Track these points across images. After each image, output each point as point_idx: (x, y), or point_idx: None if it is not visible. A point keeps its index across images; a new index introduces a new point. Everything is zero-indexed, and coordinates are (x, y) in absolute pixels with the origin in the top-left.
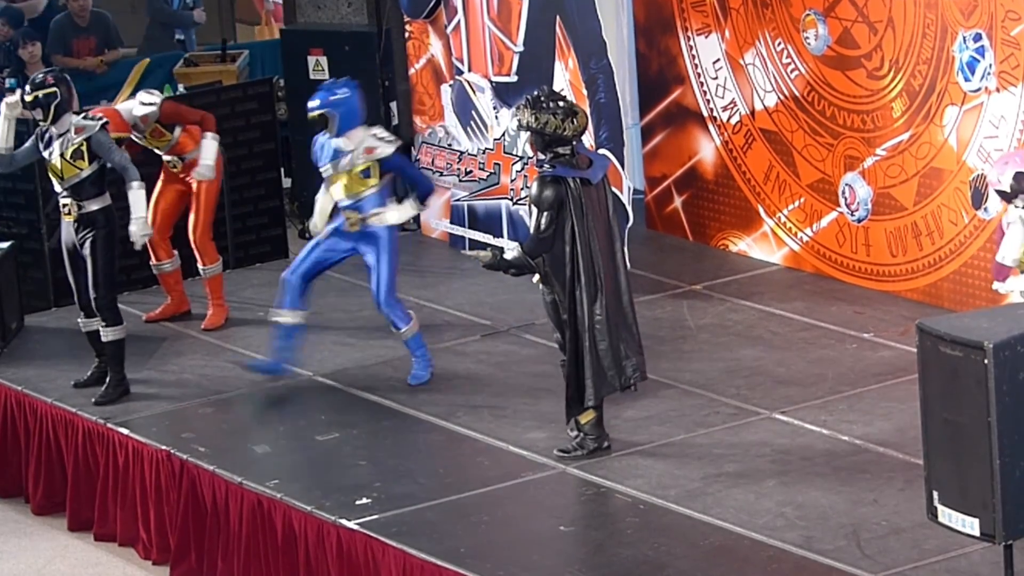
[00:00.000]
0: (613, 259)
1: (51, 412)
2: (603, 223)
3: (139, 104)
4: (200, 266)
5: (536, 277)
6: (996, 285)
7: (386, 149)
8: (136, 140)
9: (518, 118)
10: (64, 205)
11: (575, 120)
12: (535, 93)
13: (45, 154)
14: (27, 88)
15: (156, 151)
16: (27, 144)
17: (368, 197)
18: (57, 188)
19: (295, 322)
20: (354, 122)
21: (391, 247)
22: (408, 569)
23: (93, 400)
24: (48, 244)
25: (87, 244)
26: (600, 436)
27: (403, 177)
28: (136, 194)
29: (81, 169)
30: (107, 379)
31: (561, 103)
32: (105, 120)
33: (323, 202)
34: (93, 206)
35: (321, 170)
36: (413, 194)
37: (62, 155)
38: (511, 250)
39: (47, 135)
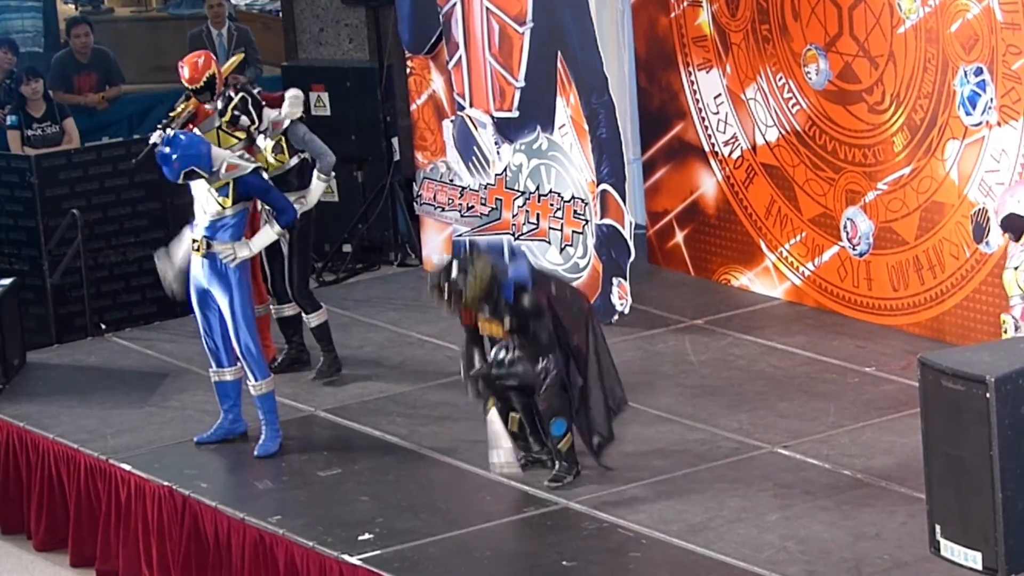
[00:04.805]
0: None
1: (53, 448)
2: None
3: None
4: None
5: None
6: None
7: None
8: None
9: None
10: None
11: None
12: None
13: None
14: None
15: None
16: None
17: (223, 222)
18: None
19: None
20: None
21: (240, 289)
22: None
23: (311, 377)
24: (50, 280)
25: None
26: (577, 460)
27: (263, 201)
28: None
29: (282, 163)
30: (321, 359)
31: (463, 274)
32: (298, 116)
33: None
34: (291, 198)
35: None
36: (271, 217)
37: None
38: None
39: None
